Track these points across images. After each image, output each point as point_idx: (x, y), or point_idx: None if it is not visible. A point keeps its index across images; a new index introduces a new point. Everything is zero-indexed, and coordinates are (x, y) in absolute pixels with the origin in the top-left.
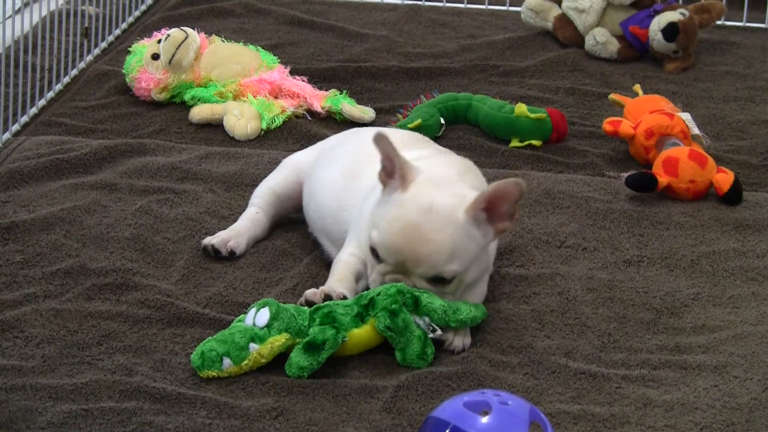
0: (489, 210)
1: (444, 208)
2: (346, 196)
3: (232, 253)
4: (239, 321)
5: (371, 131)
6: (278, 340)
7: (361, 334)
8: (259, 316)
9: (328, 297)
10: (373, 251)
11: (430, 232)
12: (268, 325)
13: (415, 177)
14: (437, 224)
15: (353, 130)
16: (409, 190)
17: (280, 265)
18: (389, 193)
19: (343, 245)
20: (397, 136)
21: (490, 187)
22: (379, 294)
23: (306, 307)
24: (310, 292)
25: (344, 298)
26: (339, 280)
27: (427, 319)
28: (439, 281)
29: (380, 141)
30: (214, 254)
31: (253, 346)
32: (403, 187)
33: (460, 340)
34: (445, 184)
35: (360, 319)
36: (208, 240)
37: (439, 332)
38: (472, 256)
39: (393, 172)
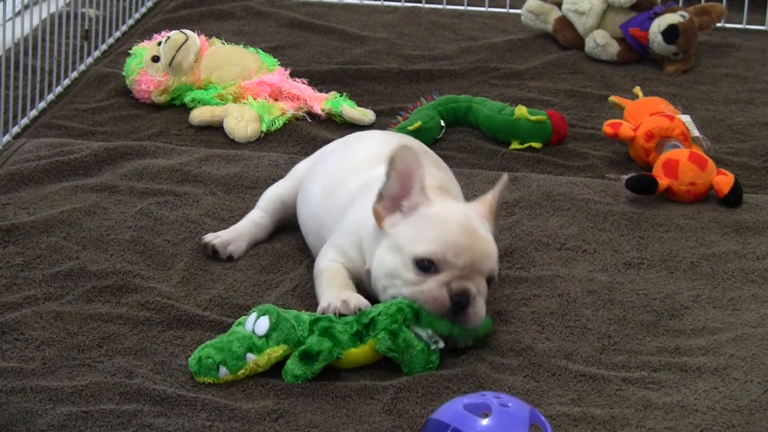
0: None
1: (475, 214)
2: (325, 213)
3: (230, 257)
4: (239, 324)
5: (362, 139)
6: (276, 352)
7: (358, 354)
8: (258, 324)
9: (360, 311)
10: (424, 266)
11: (482, 230)
12: (267, 335)
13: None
14: (482, 225)
15: (351, 137)
16: (435, 201)
17: (279, 268)
18: (410, 212)
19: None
20: (381, 148)
21: (495, 195)
22: (379, 314)
23: (306, 316)
24: (342, 305)
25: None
26: (345, 286)
27: (430, 331)
28: (489, 281)
29: (402, 158)
30: (212, 254)
31: (250, 356)
32: (427, 200)
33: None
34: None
35: (359, 338)
36: (210, 238)
37: (441, 344)
38: None
39: (403, 193)
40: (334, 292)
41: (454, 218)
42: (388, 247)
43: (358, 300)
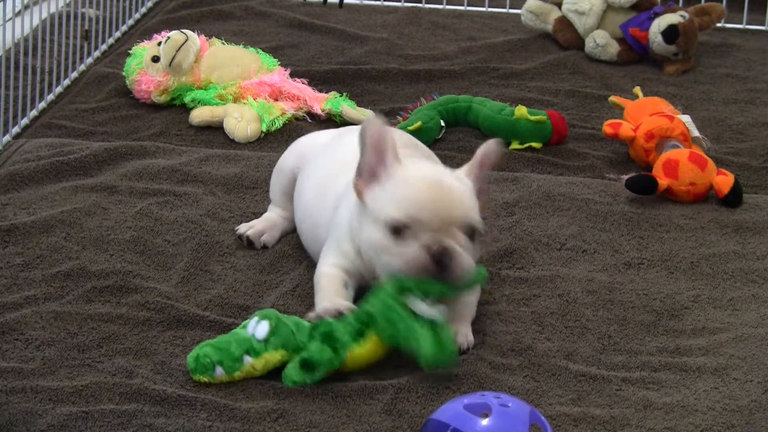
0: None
1: (449, 172)
2: (318, 213)
3: (264, 246)
4: (242, 327)
5: (351, 133)
6: (274, 357)
7: (362, 352)
8: (258, 328)
9: (340, 313)
10: (397, 229)
11: (452, 182)
12: (266, 340)
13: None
14: (453, 178)
15: (343, 130)
16: (406, 164)
17: (279, 268)
18: (384, 180)
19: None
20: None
21: (477, 153)
22: (375, 306)
23: (307, 322)
24: (323, 310)
25: (351, 311)
26: (336, 294)
27: (428, 300)
28: (471, 236)
29: (370, 128)
30: (247, 245)
31: (247, 359)
32: (399, 163)
33: (463, 338)
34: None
35: (360, 335)
36: (244, 229)
37: (443, 309)
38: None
39: (378, 162)
40: (324, 302)
41: (423, 177)
42: (369, 220)
43: (339, 305)
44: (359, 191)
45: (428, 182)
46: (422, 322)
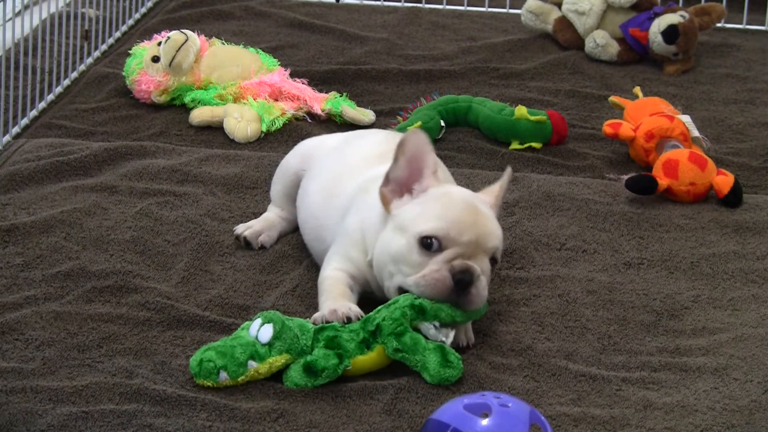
0: None
1: (480, 197)
2: (324, 215)
3: (262, 247)
4: (244, 329)
5: (360, 138)
6: (278, 361)
7: (366, 360)
8: (262, 332)
9: (348, 319)
10: (426, 243)
11: (486, 209)
12: (270, 344)
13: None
14: (485, 205)
15: (350, 134)
16: (443, 184)
17: (279, 268)
18: (418, 194)
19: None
20: (377, 147)
21: (501, 185)
22: (384, 319)
23: (311, 325)
24: (330, 312)
25: (359, 318)
26: (341, 295)
27: (437, 323)
28: (492, 262)
29: (412, 142)
30: (244, 245)
31: (251, 363)
32: (438, 181)
33: (463, 335)
34: None
35: (366, 345)
36: (241, 230)
37: (452, 335)
38: None
39: (413, 176)
40: (329, 302)
41: (459, 197)
42: (393, 229)
43: (347, 309)
44: (385, 199)
45: (466, 204)
46: (427, 339)
